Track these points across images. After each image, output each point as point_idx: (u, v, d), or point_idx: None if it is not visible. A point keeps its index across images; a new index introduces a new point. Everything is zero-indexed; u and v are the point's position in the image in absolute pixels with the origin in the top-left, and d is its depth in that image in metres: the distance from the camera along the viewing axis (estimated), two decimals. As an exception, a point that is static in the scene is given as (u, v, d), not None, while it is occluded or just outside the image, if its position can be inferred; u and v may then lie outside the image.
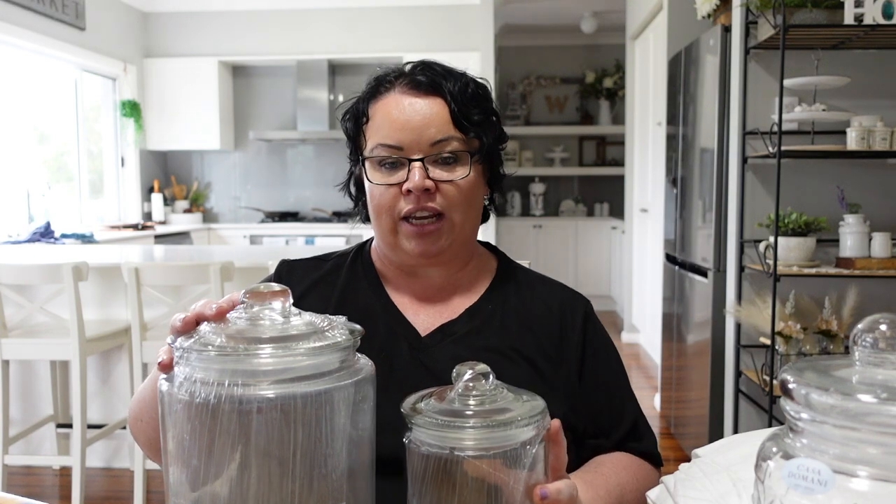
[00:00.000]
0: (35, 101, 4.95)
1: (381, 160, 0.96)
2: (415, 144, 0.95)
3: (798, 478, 0.51)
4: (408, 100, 0.96)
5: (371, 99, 1.00)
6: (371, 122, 0.99)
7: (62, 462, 2.97)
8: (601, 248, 6.79)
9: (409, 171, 0.94)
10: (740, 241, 2.73)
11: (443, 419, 0.64)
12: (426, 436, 0.64)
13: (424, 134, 0.94)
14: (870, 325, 0.56)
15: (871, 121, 2.42)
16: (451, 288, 1.05)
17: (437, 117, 0.95)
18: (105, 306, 3.03)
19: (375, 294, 1.04)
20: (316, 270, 1.09)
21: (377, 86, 1.00)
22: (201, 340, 0.63)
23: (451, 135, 0.96)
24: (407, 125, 0.95)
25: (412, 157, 0.94)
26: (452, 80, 0.98)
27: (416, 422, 0.65)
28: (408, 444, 0.66)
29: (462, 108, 0.96)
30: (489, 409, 0.66)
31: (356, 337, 0.67)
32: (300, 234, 5.88)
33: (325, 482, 0.63)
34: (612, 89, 6.90)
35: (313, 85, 6.08)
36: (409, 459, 0.66)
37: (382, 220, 0.98)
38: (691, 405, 3.24)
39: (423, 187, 0.94)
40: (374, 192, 0.98)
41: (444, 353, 0.98)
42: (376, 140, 0.97)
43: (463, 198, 0.97)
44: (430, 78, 0.97)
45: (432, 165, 0.95)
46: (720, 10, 2.98)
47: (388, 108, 0.97)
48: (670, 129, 3.67)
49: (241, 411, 0.60)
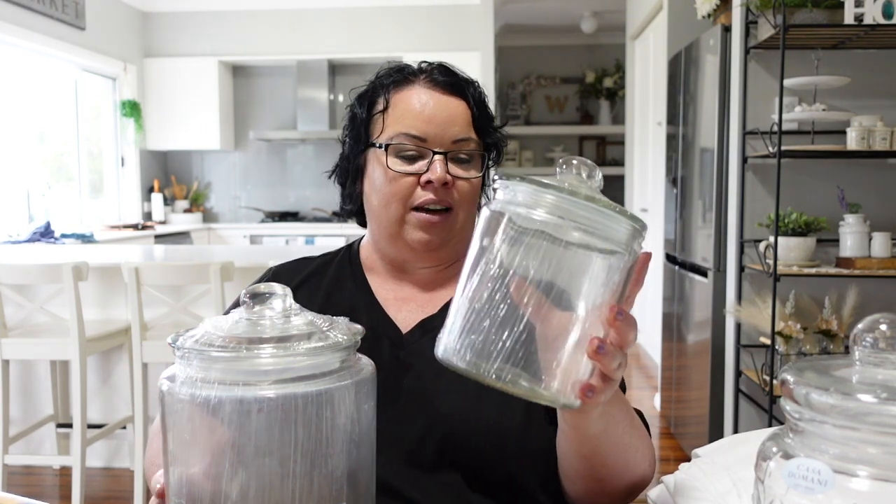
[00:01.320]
0: (35, 100, 4.94)
1: (402, 149, 0.97)
2: (438, 138, 0.97)
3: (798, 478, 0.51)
4: (434, 94, 0.99)
5: (393, 87, 1.00)
6: (392, 109, 0.99)
7: (62, 462, 2.97)
8: (601, 248, 6.78)
9: (432, 162, 0.96)
10: (740, 241, 2.73)
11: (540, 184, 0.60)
12: (521, 195, 0.60)
13: (449, 130, 0.97)
14: (870, 325, 0.56)
15: (871, 121, 2.42)
16: (437, 283, 1.04)
17: (461, 117, 0.99)
18: (105, 306, 3.03)
19: (360, 291, 1.04)
20: (299, 272, 1.08)
21: (401, 75, 1.01)
22: (202, 340, 0.63)
23: (470, 136, 0.99)
24: (433, 119, 0.97)
25: (436, 150, 0.96)
26: (472, 86, 1.02)
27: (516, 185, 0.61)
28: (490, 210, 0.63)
29: (481, 113, 1.01)
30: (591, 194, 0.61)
31: (357, 336, 0.67)
32: (300, 234, 5.88)
33: (325, 482, 0.63)
34: (612, 89, 6.90)
35: (313, 85, 6.08)
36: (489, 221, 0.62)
37: (391, 208, 0.98)
38: (691, 405, 3.24)
39: (445, 180, 0.96)
40: (389, 179, 0.97)
41: (424, 349, 0.95)
42: (398, 129, 0.97)
43: (472, 196, 1.00)
44: (453, 79, 1.01)
45: (451, 162, 0.98)
46: (720, 10, 2.98)
47: (412, 99, 0.98)
48: (670, 129, 3.68)
49: (242, 411, 0.60)
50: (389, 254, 1.04)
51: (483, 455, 0.91)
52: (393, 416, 0.90)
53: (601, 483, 0.85)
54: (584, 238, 0.60)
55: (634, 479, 0.86)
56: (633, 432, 0.84)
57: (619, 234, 0.61)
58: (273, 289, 0.68)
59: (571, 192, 0.60)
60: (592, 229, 0.60)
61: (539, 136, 7.18)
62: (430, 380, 0.93)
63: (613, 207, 0.60)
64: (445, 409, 0.92)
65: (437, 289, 1.04)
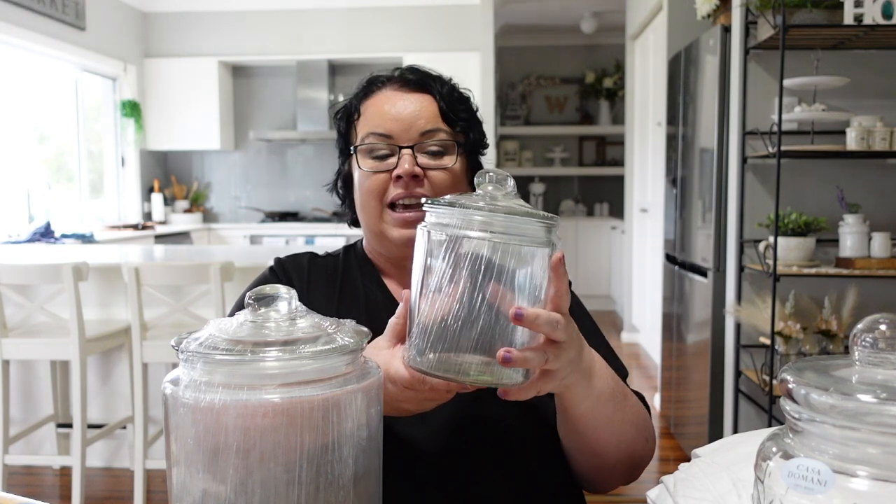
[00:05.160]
0: (35, 101, 4.94)
1: (371, 149, 1.00)
2: (405, 133, 0.99)
3: (798, 478, 0.51)
4: (399, 95, 1.02)
5: (363, 97, 1.05)
6: (363, 117, 1.03)
7: (62, 462, 2.98)
8: (601, 248, 6.79)
9: (400, 157, 0.98)
10: (740, 241, 2.74)
11: (458, 203, 0.69)
12: (438, 216, 0.70)
13: (414, 124, 0.99)
14: (870, 325, 0.57)
15: (871, 121, 2.42)
16: None
17: (427, 111, 1.01)
18: (105, 306, 3.03)
19: (375, 285, 1.06)
20: (307, 262, 1.09)
21: (369, 85, 1.05)
22: (206, 343, 0.62)
23: (439, 126, 1.00)
24: (399, 116, 0.99)
25: (402, 145, 0.98)
26: (440, 82, 1.04)
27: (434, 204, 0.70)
28: (422, 229, 0.71)
29: (449, 105, 1.02)
30: (504, 204, 0.71)
31: (364, 339, 0.66)
32: (300, 234, 5.88)
33: (331, 489, 0.61)
34: (612, 89, 6.91)
35: (313, 85, 6.08)
36: (419, 243, 0.71)
37: (370, 206, 1.01)
38: (691, 405, 3.24)
39: (413, 173, 0.97)
40: (363, 179, 1.01)
41: None
42: (367, 130, 1.01)
43: (450, 185, 1.00)
44: (419, 77, 1.03)
45: (421, 154, 0.99)
46: (720, 11, 2.99)
47: (380, 103, 1.02)
48: (670, 129, 3.68)
49: (247, 416, 0.59)
50: (384, 253, 1.05)
51: (502, 451, 0.93)
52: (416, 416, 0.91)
53: (600, 458, 0.90)
54: (509, 240, 0.68)
55: (632, 454, 0.91)
56: (625, 409, 0.88)
57: (538, 232, 0.70)
58: (278, 291, 0.67)
59: (491, 208, 0.68)
60: (514, 232, 0.69)
61: (539, 136, 7.18)
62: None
63: (526, 213, 0.69)
64: (468, 406, 0.93)
65: None
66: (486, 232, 0.68)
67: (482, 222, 0.68)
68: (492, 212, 0.68)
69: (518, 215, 0.68)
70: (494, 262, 0.67)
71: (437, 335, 0.69)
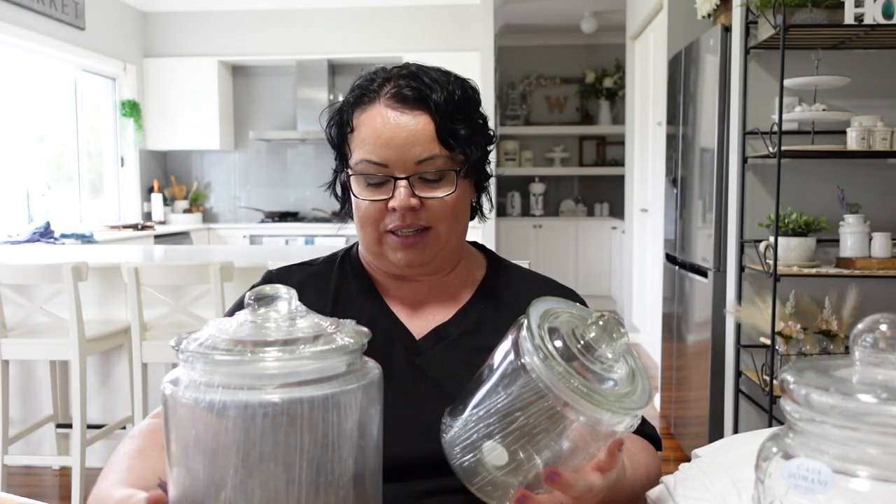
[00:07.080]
0: (35, 100, 4.94)
1: (367, 176, 0.96)
2: (400, 162, 0.94)
3: (798, 478, 0.51)
4: (393, 114, 0.95)
5: (355, 108, 0.99)
6: (356, 132, 0.98)
7: (62, 462, 2.97)
8: (601, 249, 6.79)
9: (395, 188, 0.94)
10: (740, 241, 2.74)
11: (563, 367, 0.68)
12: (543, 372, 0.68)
13: (410, 152, 0.94)
14: (870, 325, 0.57)
15: (871, 121, 2.42)
16: (442, 290, 1.05)
17: (423, 134, 0.94)
18: (105, 306, 3.03)
19: (370, 298, 1.04)
20: (304, 273, 1.08)
21: (361, 95, 0.99)
22: (206, 343, 0.62)
23: (435, 153, 0.95)
24: (392, 142, 0.94)
25: (397, 176, 0.94)
26: (439, 89, 0.96)
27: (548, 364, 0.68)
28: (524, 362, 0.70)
29: (448, 123, 0.95)
30: (598, 371, 0.70)
31: (364, 339, 0.66)
32: (300, 234, 5.88)
33: (331, 489, 0.61)
34: (612, 89, 6.90)
35: (313, 85, 6.08)
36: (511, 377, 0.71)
37: (368, 231, 0.99)
38: (691, 405, 3.24)
39: (409, 206, 0.94)
40: (360, 205, 0.98)
41: (440, 356, 0.98)
42: (361, 155, 0.96)
43: (449, 212, 0.97)
44: (416, 90, 0.96)
45: (418, 183, 0.95)
46: (720, 10, 2.99)
47: (373, 121, 0.96)
48: (670, 129, 3.68)
49: (246, 416, 0.59)
50: (382, 268, 1.04)
51: None
52: (409, 423, 0.90)
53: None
54: (575, 415, 0.68)
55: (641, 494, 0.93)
56: (645, 486, 0.90)
57: (615, 422, 0.69)
58: (278, 291, 0.67)
59: (588, 392, 0.67)
60: (590, 416, 0.68)
61: (539, 136, 7.18)
62: (447, 385, 0.93)
63: (621, 405, 0.68)
64: None
65: (445, 297, 1.04)
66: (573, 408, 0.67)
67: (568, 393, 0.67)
68: (583, 397, 0.67)
69: (609, 410, 0.67)
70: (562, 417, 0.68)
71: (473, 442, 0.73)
